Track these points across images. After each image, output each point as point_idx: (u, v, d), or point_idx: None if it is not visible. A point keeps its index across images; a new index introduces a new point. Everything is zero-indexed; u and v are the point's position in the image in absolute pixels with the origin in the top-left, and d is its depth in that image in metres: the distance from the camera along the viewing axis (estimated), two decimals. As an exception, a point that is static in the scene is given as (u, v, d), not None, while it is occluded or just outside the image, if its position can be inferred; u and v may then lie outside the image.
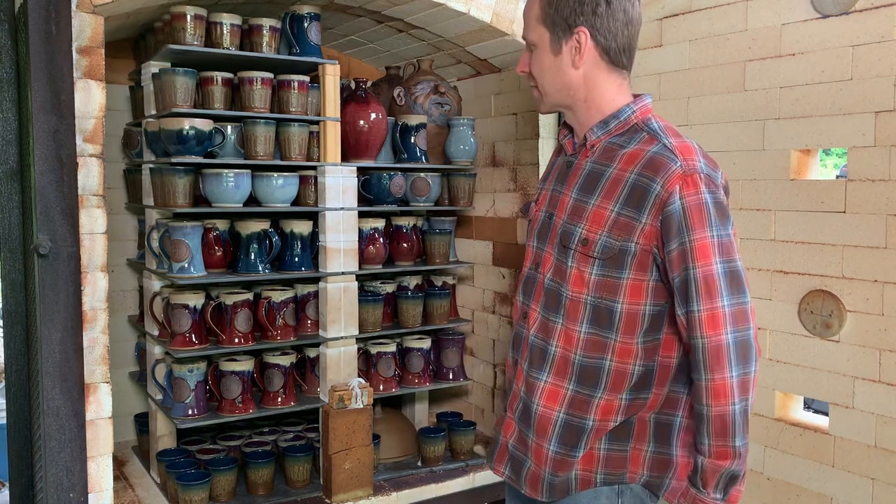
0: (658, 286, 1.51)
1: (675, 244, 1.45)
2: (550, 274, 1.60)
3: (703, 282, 1.43)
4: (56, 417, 2.06)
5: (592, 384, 1.55)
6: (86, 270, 2.21)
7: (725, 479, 1.47)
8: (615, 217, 1.50)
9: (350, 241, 2.83)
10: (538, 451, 1.60)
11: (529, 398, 1.62)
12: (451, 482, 2.94)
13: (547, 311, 1.61)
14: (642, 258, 1.49)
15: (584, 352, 1.55)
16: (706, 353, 1.44)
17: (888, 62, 2.07)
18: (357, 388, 2.73)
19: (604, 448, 1.58)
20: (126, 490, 2.78)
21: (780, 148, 2.33)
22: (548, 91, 1.62)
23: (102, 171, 2.26)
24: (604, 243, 1.50)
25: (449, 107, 3.24)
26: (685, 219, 1.44)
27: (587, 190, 1.56)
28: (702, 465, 1.48)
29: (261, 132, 2.65)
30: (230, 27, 2.63)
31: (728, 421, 1.44)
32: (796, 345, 2.30)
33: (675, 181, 1.45)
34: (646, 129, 1.56)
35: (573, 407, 1.57)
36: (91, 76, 2.22)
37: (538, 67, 1.61)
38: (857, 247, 2.15)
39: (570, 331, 1.56)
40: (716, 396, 1.44)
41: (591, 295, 1.53)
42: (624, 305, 1.51)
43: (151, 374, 2.76)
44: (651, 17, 2.69)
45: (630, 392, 1.55)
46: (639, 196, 1.48)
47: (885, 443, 2.10)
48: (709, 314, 1.43)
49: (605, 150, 1.58)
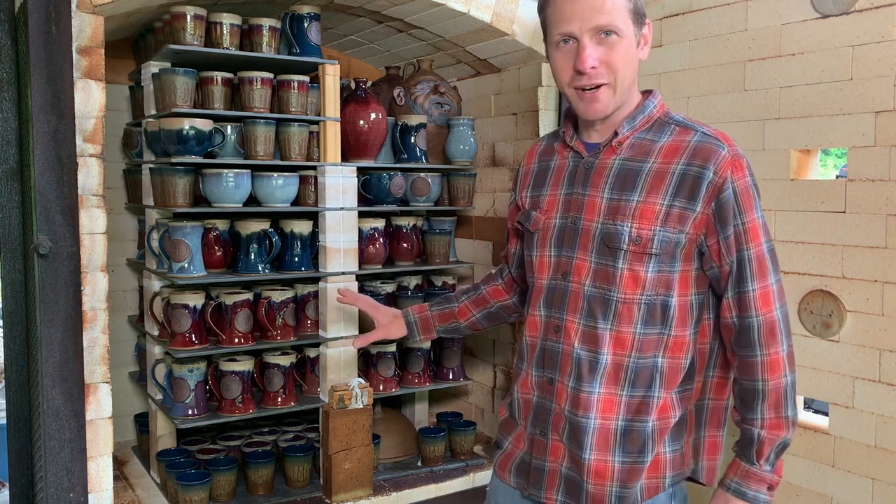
0: (699, 275, 1.53)
1: (730, 229, 1.47)
2: (590, 280, 1.54)
3: (757, 262, 1.48)
4: (56, 417, 2.06)
5: (647, 385, 1.53)
6: (86, 270, 2.21)
7: (778, 448, 1.49)
8: (667, 210, 1.48)
9: (350, 241, 2.83)
10: (599, 467, 1.53)
11: (582, 414, 1.54)
12: (451, 482, 2.94)
13: (591, 320, 1.54)
14: (689, 249, 1.50)
15: (639, 353, 1.52)
16: (761, 331, 1.48)
17: (888, 62, 2.07)
18: (357, 388, 2.73)
19: (669, 451, 1.56)
20: (126, 490, 2.78)
21: (780, 148, 2.33)
22: (626, 86, 1.53)
23: (102, 171, 2.26)
24: (661, 238, 1.48)
25: (449, 107, 3.24)
26: (737, 203, 1.47)
27: (624, 187, 1.53)
28: (758, 438, 1.49)
29: (261, 132, 2.65)
30: (230, 27, 2.63)
31: (782, 393, 1.48)
32: (796, 345, 2.29)
33: (726, 166, 1.47)
34: (672, 122, 1.56)
35: (631, 412, 1.53)
36: (91, 76, 2.22)
37: (624, 58, 1.50)
38: (857, 247, 2.15)
39: (622, 335, 1.52)
40: (772, 370, 1.48)
41: (646, 294, 1.50)
42: (676, 299, 1.51)
43: (151, 374, 2.76)
44: (651, 17, 2.68)
45: (681, 385, 1.55)
46: (691, 186, 1.47)
47: (885, 443, 2.10)
48: (762, 292, 1.48)
49: (635, 146, 1.55)
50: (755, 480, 1.49)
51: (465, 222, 3.49)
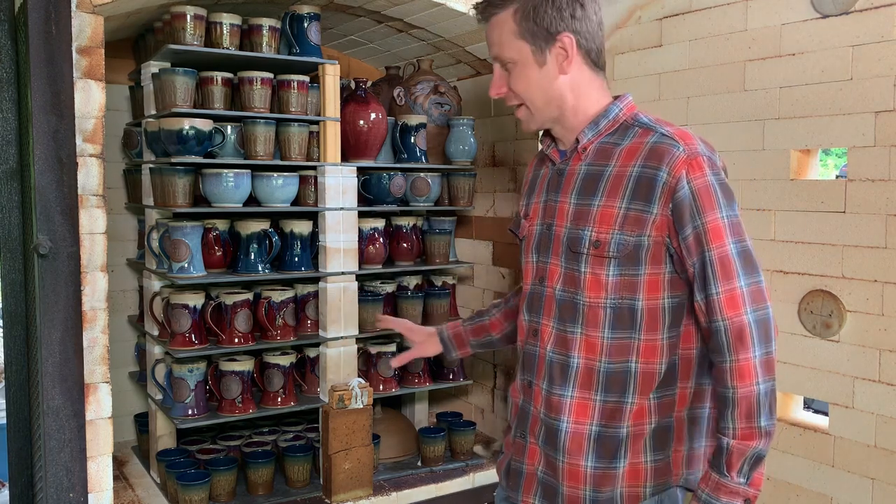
0: (673, 278, 1.51)
1: (689, 230, 1.45)
2: (560, 285, 1.57)
3: (720, 264, 1.43)
4: (56, 417, 2.06)
5: (621, 391, 1.52)
6: (86, 270, 2.21)
7: (751, 460, 1.45)
8: (624, 213, 1.49)
9: (350, 241, 2.83)
10: (573, 471, 1.55)
11: (555, 418, 1.56)
12: (451, 482, 2.94)
13: (562, 324, 1.57)
14: (656, 251, 1.49)
15: (609, 358, 1.52)
16: (729, 335, 1.44)
17: (888, 62, 2.07)
18: (357, 388, 2.73)
19: (650, 461, 1.55)
20: (126, 490, 2.78)
21: (780, 148, 2.33)
22: (538, 106, 1.58)
23: (102, 171, 2.26)
24: (618, 241, 1.49)
25: (449, 107, 3.24)
26: (695, 203, 1.44)
27: (587, 193, 1.55)
28: (727, 448, 1.45)
29: (261, 132, 2.65)
30: (230, 27, 2.63)
31: (753, 401, 1.44)
32: (796, 345, 2.30)
33: (680, 166, 1.45)
34: (637, 124, 1.56)
35: (605, 418, 1.53)
36: (91, 76, 2.22)
37: (524, 83, 1.57)
38: (857, 247, 2.15)
39: (591, 339, 1.53)
40: (741, 377, 1.44)
41: (610, 297, 1.51)
42: (644, 302, 1.50)
43: (151, 374, 2.76)
44: (651, 17, 2.69)
45: (657, 391, 1.54)
46: (646, 187, 1.47)
47: (885, 443, 2.10)
48: (728, 296, 1.44)
49: (599, 151, 1.57)
50: (726, 493, 1.46)
51: (465, 222, 3.49)
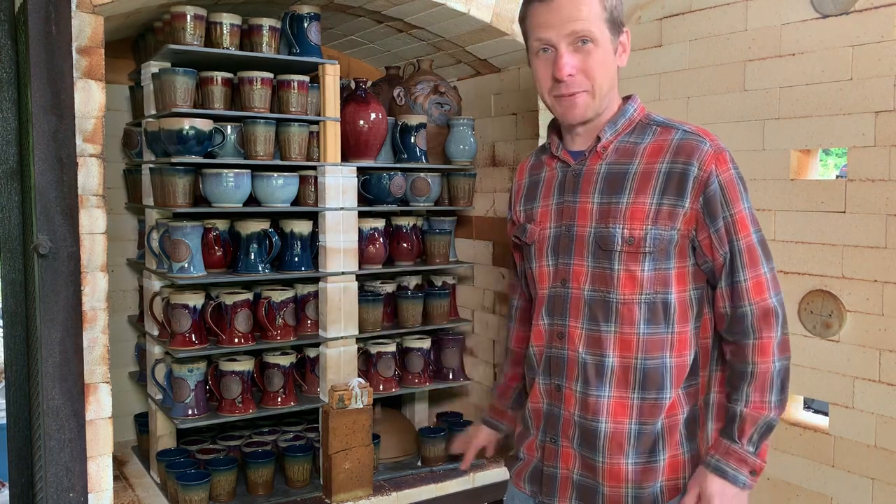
0: (695, 271, 1.56)
1: (720, 221, 1.50)
2: (588, 285, 1.57)
3: (748, 252, 1.51)
4: (56, 417, 2.06)
5: (658, 386, 1.54)
6: (86, 270, 2.21)
7: (762, 428, 1.51)
8: (656, 208, 1.51)
9: (350, 241, 2.83)
10: (614, 470, 1.56)
11: (593, 419, 1.56)
12: (451, 482, 2.94)
13: (594, 324, 1.57)
14: (682, 245, 1.53)
15: (646, 354, 1.54)
16: (755, 318, 1.51)
17: (888, 62, 2.07)
18: (357, 388, 2.73)
19: (686, 451, 1.58)
20: (126, 490, 2.78)
21: (780, 148, 2.33)
22: (605, 91, 1.56)
23: (102, 171, 2.26)
24: (654, 236, 1.51)
25: (449, 107, 3.24)
26: (724, 195, 1.50)
27: (613, 191, 1.56)
28: (740, 415, 1.51)
29: (261, 132, 2.65)
30: (230, 27, 2.63)
31: (769, 376, 1.51)
32: (796, 345, 2.30)
33: (710, 161, 1.50)
34: (653, 123, 1.60)
35: (643, 415, 1.55)
36: (91, 76, 2.22)
37: (601, 65, 1.53)
38: (857, 247, 2.15)
39: (626, 336, 1.54)
40: (762, 354, 1.51)
41: (645, 293, 1.53)
42: (675, 295, 1.54)
43: (151, 374, 2.76)
44: (651, 17, 2.69)
45: (686, 381, 1.58)
46: (677, 182, 1.51)
47: (885, 443, 2.10)
48: (755, 281, 1.51)
49: (619, 150, 1.59)
50: (735, 459, 1.50)
51: (465, 222, 3.49)
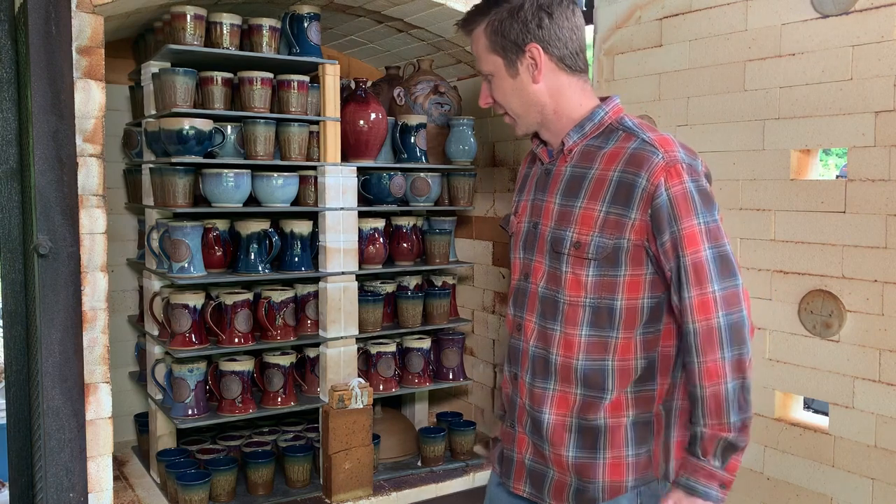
0: (655, 279, 1.55)
1: (666, 236, 1.50)
2: (544, 282, 1.62)
3: (693, 269, 1.48)
4: (56, 417, 2.06)
5: (599, 387, 1.57)
6: (86, 270, 2.21)
7: (723, 446, 1.50)
8: (604, 216, 1.53)
9: (350, 241, 2.83)
10: (558, 460, 1.62)
11: (538, 409, 1.63)
12: (451, 482, 2.94)
13: (544, 320, 1.62)
14: (636, 253, 1.53)
15: (587, 355, 1.57)
16: (698, 337, 1.49)
17: (888, 62, 2.07)
18: (357, 388, 2.73)
19: (632, 454, 1.59)
20: (126, 490, 2.78)
21: (780, 148, 2.33)
22: (519, 113, 1.66)
23: (102, 171, 2.26)
24: (597, 244, 1.53)
25: (449, 107, 3.24)
26: (672, 209, 1.49)
27: (571, 194, 1.59)
28: (700, 435, 1.51)
29: (261, 132, 2.65)
30: (230, 27, 2.63)
31: (722, 399, 1.49)
32: (796, 345, 2.30)
33: (659, 173, 1.49)
34: (621, 128, 1.60)
35: (584, 411, 1.59)
36: (91, 76, 2.22)
37: (502, 94, 1.65)
38: (857, 247, 2.15)
39: (569, 336, 1.58)
40: (709, 377, 1.49)
41: (589, 297, 1.56)
42: (623, 302, 1.55)
43: (151, 374, 2.76)
44: (651, 17, 2.69)
45: (635, 385, 1.58)
46: (625, 193, 1.51)
47: (885, 443, 2.10)
48: (699, 300, 1.48)
49: (584, 154, 1.61)
50: (704, 475, 1.51)
51: (465, 222, 3.49)
